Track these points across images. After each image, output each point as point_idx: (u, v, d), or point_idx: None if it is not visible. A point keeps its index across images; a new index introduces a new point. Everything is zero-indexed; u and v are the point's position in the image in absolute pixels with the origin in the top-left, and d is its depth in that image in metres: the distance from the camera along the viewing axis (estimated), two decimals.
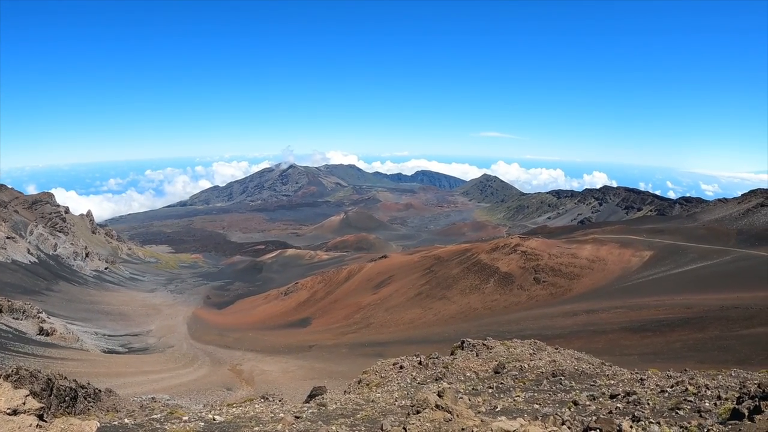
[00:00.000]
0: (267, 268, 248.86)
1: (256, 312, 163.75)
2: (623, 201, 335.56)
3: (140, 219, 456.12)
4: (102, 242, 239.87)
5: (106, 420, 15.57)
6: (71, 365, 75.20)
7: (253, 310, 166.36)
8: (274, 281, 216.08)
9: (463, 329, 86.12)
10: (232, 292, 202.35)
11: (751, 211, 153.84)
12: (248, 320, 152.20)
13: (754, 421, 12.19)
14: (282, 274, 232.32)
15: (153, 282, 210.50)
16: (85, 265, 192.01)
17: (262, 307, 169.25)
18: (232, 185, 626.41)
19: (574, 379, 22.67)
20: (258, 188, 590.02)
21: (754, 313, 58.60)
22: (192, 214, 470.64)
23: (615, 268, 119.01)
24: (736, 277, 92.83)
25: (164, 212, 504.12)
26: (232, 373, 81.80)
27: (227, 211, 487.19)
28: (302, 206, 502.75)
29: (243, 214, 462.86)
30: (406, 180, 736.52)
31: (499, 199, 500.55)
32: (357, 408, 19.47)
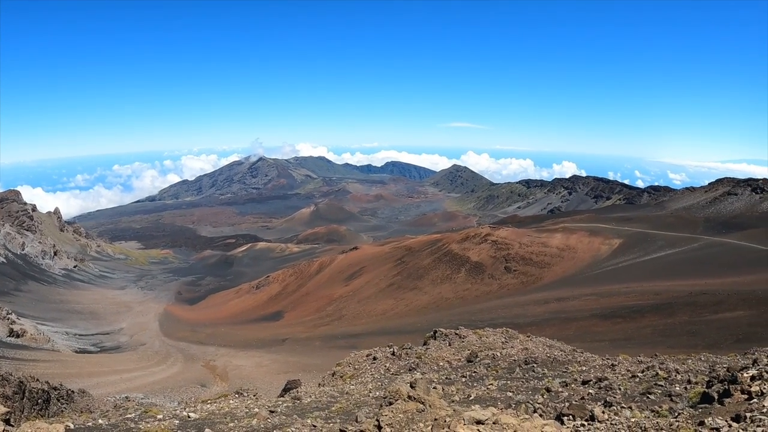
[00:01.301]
0: (238, 262, 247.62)
1: (228, 307, 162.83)
2: (592, 190, 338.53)
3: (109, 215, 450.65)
4: (70, 240, 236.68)
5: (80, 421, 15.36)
6: (43, 367, 74.14)
7: (225, 305, 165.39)
8: (245, 275, 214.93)
9: (436, 319, 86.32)
10: (203, 287, 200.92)
11: (718, 200, 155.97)
12: (220, 315, 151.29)
13: (723, 404, 12.33)
14: (253, 267, 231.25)
15: (123, 279, 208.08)
16: (54, 264, 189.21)
17: (233, 301, 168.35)
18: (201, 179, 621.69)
19: (547, 366, 22.82)
20: (227, 182, 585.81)
21: (722, 299, 59.45)
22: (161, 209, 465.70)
23: (585, 257, 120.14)
24: (704, 263, 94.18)
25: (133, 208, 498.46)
26: (205, 369, 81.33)
27: (197, 206, 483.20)
28: (272, 199, 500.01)
29: (213, 208, 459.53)
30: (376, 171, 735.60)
31: (469, 189, 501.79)
32: (331, 400, 19.43)
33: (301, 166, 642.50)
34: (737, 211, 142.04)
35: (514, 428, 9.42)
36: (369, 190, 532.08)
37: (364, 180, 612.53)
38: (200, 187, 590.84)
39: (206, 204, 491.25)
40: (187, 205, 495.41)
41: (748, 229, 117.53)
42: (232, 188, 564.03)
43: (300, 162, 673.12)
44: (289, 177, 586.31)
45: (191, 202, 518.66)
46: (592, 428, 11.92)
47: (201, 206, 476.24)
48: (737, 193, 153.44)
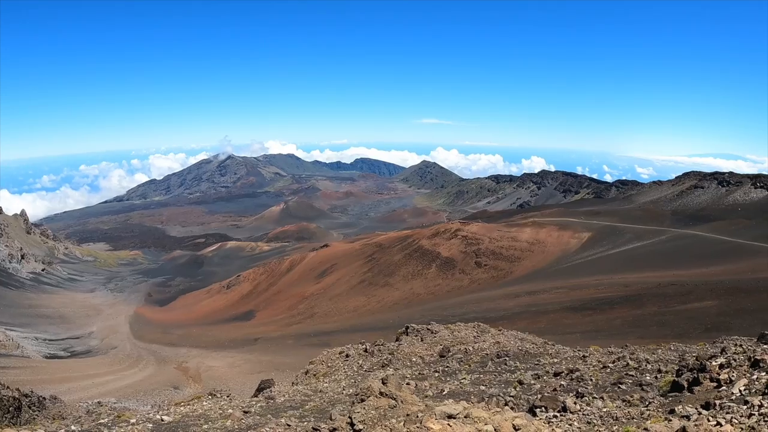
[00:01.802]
0: (208, 262, 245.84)
1: (199, 307, 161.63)
2: (561, 185, 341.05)
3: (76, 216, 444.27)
4: (38, 243, 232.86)
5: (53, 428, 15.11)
6: (13, 374, 72.79)
7: (196, 306, 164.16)
8: (215, 275, 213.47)
9: (407, 315, 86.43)
10: (173, 288, 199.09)
11: (685, 193, 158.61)
12: (191, 316, 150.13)
13: (693, 392, 12.45)
14: (223, 267, 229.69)
15: (92, 282, 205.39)
16: (22, 268, 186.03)
17: (205, 301, 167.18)
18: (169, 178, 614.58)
19: (519, 359, 22.90)
20: (196, 180, 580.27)
21: (690, 289, 60.26)
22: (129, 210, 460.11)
23: (554, 250, 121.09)
24: (672, 255, 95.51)
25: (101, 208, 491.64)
26: (178, 371, 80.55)
27: (165, 205, 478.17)
28: (241, 197, 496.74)
29: (181, 208, 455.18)
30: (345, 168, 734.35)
31: (438, 185, 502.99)
32: (305, 399, 19.35)
33: (271, 164, 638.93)
34: (704, 204, 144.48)
35: (485, 421, 9.42)
36: (339, 187, 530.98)
37: (334, 177, 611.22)
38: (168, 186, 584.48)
39: (175, 203, 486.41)
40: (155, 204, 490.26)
41: (715, 221, 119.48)
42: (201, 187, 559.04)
43: (269, 160, 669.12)
44: (259, 175, 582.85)
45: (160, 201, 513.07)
46: (565, 419, 11.96)
47: (170, 206, 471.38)
48: (704, 186, 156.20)
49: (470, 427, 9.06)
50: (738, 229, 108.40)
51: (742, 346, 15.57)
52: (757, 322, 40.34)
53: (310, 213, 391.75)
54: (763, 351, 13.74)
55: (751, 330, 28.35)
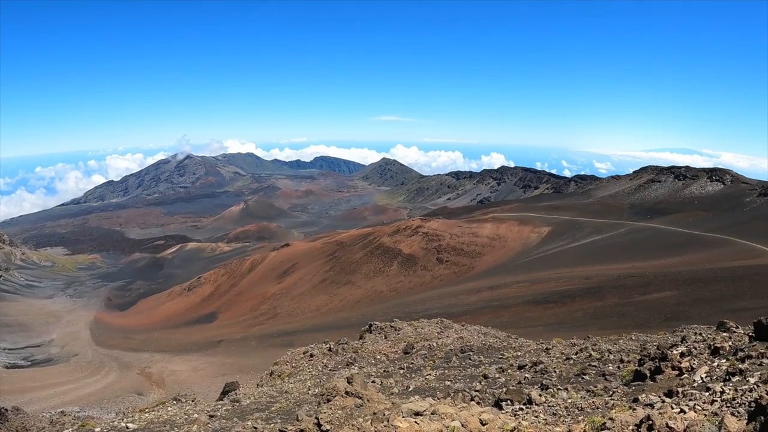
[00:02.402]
0: (168, 264, 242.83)
1: (160, 310, 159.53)
2: (520, 180, 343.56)
3: (32, 220, 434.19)
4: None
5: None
6: None
7: (157, 309, 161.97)
8: (176, 277, 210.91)
9: (370, 313, 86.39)
10: (133, 292, 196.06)
11: (643, 187, 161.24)
12: (153, 320, 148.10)
13: (655, 380, 12.60)
14: (184, 269, 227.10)
15: (51, 287, 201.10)
16: None
17: (166, 304, 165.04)
18: (127, 179, 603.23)
19: (483, 353, 23.00)
20: (154, 181, 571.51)
21: (650, 280, 61.30)
22: (87, 212, 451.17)
23: (515, 245, 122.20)
24: (631, 247, 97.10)
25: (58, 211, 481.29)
26: (141, 376, 79.35)
27: (123, 207, 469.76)
28: (201, 198, 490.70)
29: (140, 209, 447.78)
30: (305, 166, 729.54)
31: (398, 182, 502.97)
32: (271, 401, 19.22)
33: (230, 163, 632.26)
34: (661, 198, 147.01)
35: (452, 417, 9.41)
36: (299, 186, 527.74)
37: (294, 176, 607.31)
38: (126, 187, 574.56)
39: (133, 205, 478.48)
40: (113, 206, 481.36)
41: (672, 214, 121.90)
42: (160, 188, 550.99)
43: (228, 159, 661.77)
44: (218, 175, 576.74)
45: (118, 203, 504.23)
46: (530, 411, 12.00)
47: (128, 207, 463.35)
48: (661, 180, 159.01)
49: (437, 424, 9.04)
50: (694, 221, 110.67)
51: (702, 334, 15.82)
52: (715, 311, 41.15)
53: (270, 212, 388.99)
54: (722, 339, 13.97)
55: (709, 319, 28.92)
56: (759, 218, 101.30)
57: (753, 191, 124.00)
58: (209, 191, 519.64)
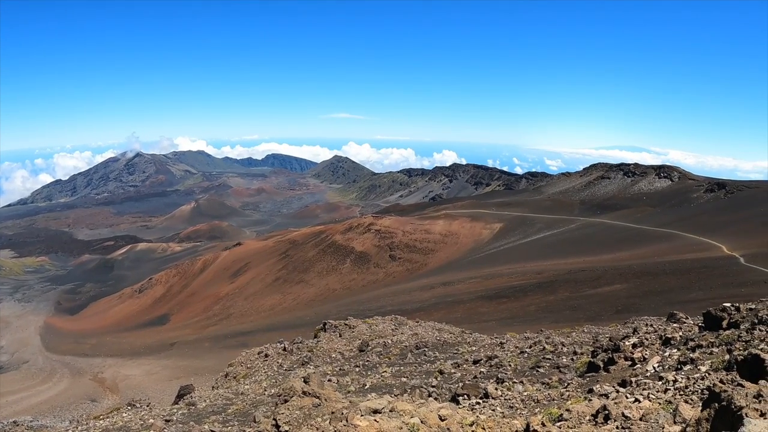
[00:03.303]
0: (118, 265, 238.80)
1: (111, 313, 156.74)
2: (472, 177, 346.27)
3: None
4: None
5: None
6: None
7: (108, 312, 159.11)
8: (127, 279, 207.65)
9: (324, 311, 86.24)
10: (84, 295, 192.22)
11: (592, 183, 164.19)
12: (104, 323, 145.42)
13: (609, 371, 12.78)
14: (135, 270, 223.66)
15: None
16: None
17: (117, 307, 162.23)
18: (75, 178, 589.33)
19: (438, 349, 23.10)
20: (103, 180, 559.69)
21: (600, 274, 62.34)
22: (34, 213, 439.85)
23: (467, 241, 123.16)
24: (582, 242, 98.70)
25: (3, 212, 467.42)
26: (94, 382, 78.00)
27: (72, 207, 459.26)
28: (151, 197, 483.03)
29: (89, 209, 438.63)
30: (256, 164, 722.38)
31: (351, 179, 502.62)
32: (227, 403, 19.03)
33: (180, 161, 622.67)
34: (611, 194, 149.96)
35: (411, 414, 9.40)
36: (250, 184, 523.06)
37: (245, 174, 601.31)
38: (75, 186, 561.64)
39: (82, 205, 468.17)
40: (61, 206, 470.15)
41: (621, 209, 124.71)
42: (109, 187, 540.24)
43: (179, 157, 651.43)
44: (168, 173, 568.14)
45: (66, 203, 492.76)
46: (487, 405, 12.07)
47: (76, 207, 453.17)
48: (610, 177, 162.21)
49: (396, 421, 9.01)
50: (643, 216, 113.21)
51: (653, 325, 16.10)
52: (665, 302, 42.03)
53: (221, 211, 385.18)
54: (673, 329, 14.24)
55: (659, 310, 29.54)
56: (706, 213, 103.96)
57: (700, 187, 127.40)
58: (159, 190, 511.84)
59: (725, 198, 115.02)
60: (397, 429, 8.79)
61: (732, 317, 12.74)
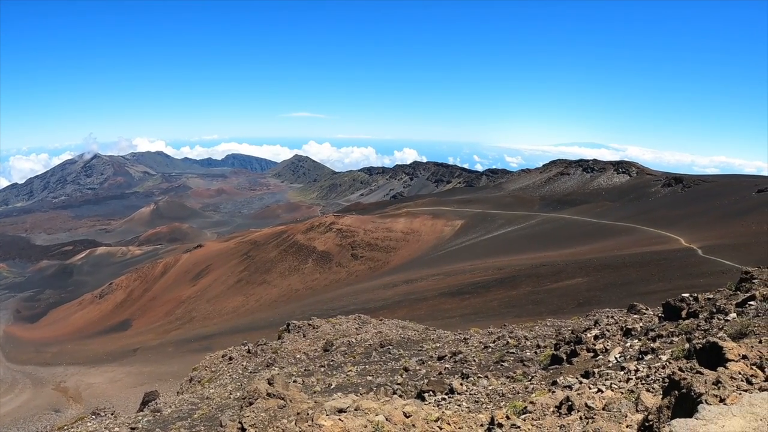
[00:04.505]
0: (78, 271, 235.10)
1: (72, 320, 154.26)
2: (433, 175, 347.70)
3: None
4: None
5: None
6: None
7: (69, 319, 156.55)
8: (86, 284, 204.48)
9: (287, 311, 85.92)
10: (43, 302, 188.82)
11: (552, 179, 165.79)
12: (65, 331, 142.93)
13: (572, 363, 12.91)
14: (94, 275, 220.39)
15: None
16: None
17: (77, 314, 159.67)
18: (32, 181, 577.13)
19: (402, 346, 23.14)
20: (60, 183, 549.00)
21: (561, 269, 63.04)
22: None
23: (429, 239, 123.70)
24: (542, 237, 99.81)
25: None
26: (57, 392, 76.55)
27: (29, 211, 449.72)
28: (109, 199, 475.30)
29: (46, 213, 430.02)
30: (216, 165, 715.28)
31: (311, 179, 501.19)
32: (193, 408, 18.86)
33: (139, 163, 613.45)
34: (570, 189, 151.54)
35: (376, 412, 9.41)
36: (210, 185, 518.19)
37: (205, 174, 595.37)
38: (31, 190, 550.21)
39: (39, 209, 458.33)
40: (18, 211, 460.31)
41: (580, 204, 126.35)
42: (66, 190, 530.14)
43: (137, 158, 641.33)
44: (127, 174, 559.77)
45: (22, 207, 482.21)
46: (453, 400, 12.12)
47: (33, 212, 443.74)
48: (569, 173, 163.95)
49: (362, 420, 9.00)
50: (602, 211, 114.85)
51: (614, 317, 16.32)
52: (625, 294, 42.63)
53: (181, 213, 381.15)
54: (633, 320, 14.45)
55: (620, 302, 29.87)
56: (663, 207, 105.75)
57: (657, 182, 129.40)
58: (118, 192, 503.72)
59: (682, 192, 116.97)
60: (362, 427, 8.79)
61: (691, 307, 12.96)
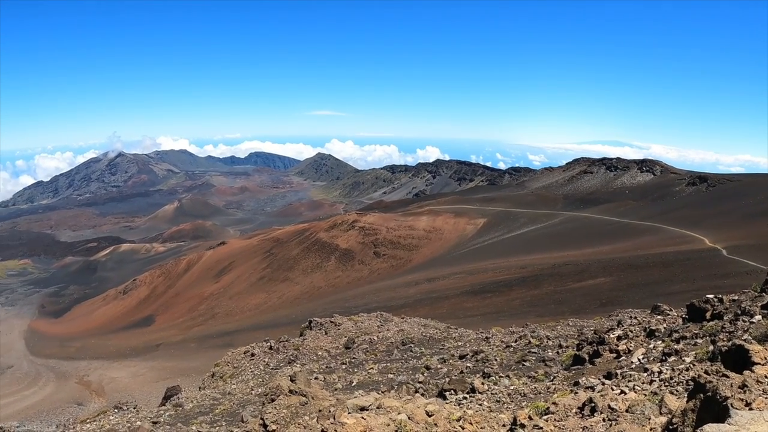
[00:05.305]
0: (102, 267, 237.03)
1: (95, 316, 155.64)
2: (456, 173, 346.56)
3: None
4: None
5: None
6: None
7: (93, 314, 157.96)
8: (110, 280, 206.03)
9: (310, 309, 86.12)
10: (67, 297, 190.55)
11: (575, 178, 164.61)
12: (89, 326, 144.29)
13: (594, 364, 12.83)
14: (118, 271, 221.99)
15: None
16: None
17: (101, 309, 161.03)
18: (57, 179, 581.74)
19: (423, 345, 23.12)
20: (85, 180, 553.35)
21: (584, 268, 62.65)
22: (15, 215, 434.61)
23: (451, 237, 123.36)
24: (565, 236, 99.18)
25: None
26: (80, 386, 77.27)
27: (54, 209, 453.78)
28: (133, 197, 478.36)
29: (71, 210, 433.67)
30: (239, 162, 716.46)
31: (334, 177, 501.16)
32: (214, 403, 18.97)
33: (163, 161, 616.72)
34: (593, 188, 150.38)
35: (398, 410, 9.38)
36: (233, 183, 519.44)
37: (228, 172, 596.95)
38: (56, 188, 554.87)
39: (64, 206, 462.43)
40: (43, 208, 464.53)
41: (604, 203, 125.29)
42: (91, 187, 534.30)
43: (161, 156, 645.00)
44: (151, 173, 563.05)
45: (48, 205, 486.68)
46: (474, 400, 12.09)
47: (58, 209, 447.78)
48: (593, 171, 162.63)
49: (384, 418, 9.00)
50: (626, 210, 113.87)
51: (637, 318, 16.21)
52: (648, 294, 42.26)
53: (205, 210, 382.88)
54: (657, 321, 14.33)
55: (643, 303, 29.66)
56: (687, 206, 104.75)
57: (682, 181, 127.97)
58: (142, 190, 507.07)
59: (707, 191, 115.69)
60: (385, 426, 8.78)
61: (715, 308, 12.83)
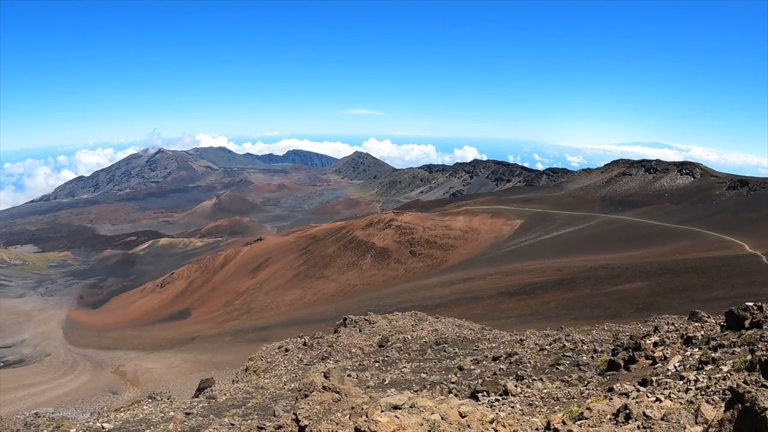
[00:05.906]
0: (140, 260, 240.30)
1: (133, 308, 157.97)
2: (493, 173, 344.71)
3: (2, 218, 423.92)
4: None
5: None
6: None
7: (130, 306, 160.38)
8: (148, 273, 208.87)
9: (344, 306, 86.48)
10: (105, 289, 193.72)
11: (614, 180, 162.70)
12: (126, 317, 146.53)
13: (629, 370, 12.70)
14: (156, 265, 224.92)
15: (21, 286, 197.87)
16: None
17: (138, 302, 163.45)
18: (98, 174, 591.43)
19: (457, 345, 23.08)
20: (125, 176, 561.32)
21: (620, 272, 61.92)
22: (57, 209, 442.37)
23: (488, 237, 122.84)
24: (602, 239, 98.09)
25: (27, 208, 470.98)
26: (115, 375, 78.52)
27: (94, 203, 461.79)
28: (172, 192, 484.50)
29: (111, 205, 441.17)
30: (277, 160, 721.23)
31: (371, 175, 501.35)
32: (247, 396, 19.14)
33: (202, 158, 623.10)
34: (632, 190, 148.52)
35: (432, 410, 9.38)
36: (271, 180, 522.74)
37: (266, 170, 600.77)
38: (97, 183, 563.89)
39: (104, 201, 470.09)
40: (84, 202, 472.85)
41: (642, 206, 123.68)
42: (131, 183, 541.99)
43: (200, 153, 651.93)
44: (189, 169, 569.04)
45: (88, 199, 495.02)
46: (507, 402, 12.05)
47: (99, 203, 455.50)
48: (631, 173, 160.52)
49: (417, 417, 9.01)
50: (665, 213, 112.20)
51: (674, 324, 16.00)
52: (686, 300, 41.67)
53: (242, 207, 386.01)
54: (694, 328, 14.12)
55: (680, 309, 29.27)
56: (728, 210, 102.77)
57: (722, 184, 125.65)
58: (181, 186, 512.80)
59: (748, 195, 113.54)
60: (418, 425, 8.79)
61: (755, 317, 12.62)
